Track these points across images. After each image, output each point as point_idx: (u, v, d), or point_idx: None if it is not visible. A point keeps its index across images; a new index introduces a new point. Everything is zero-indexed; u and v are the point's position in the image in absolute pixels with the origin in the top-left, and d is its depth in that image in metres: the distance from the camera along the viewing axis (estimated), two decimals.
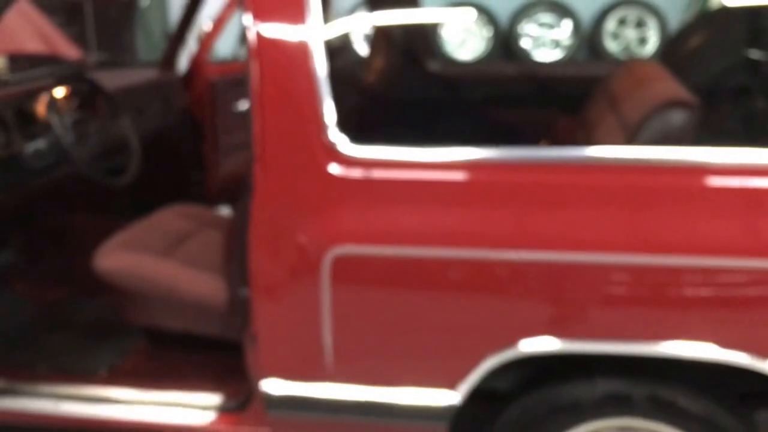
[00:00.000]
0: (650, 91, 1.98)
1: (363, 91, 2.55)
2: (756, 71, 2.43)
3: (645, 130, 1.80)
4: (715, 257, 1.55)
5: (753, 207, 1.57)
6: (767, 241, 1.54)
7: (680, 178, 1.59)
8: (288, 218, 1.68)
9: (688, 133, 1.78)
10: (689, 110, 1.80)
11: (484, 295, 1.62)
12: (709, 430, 1.67)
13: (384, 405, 1.74)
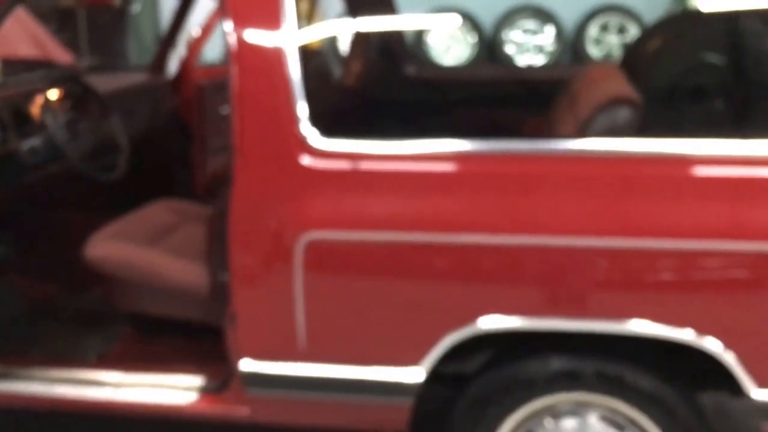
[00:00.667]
0: (600, 90, 2.13)
1: (341, 91, 2.69)
2: (712, 74, 2.56)
3: (592, 124, 1.94)
4: (660, 240, 1.67)
5: (699, 193, 1.69)
6: (709, 225, 1.67)
7: (623, 167, 1.73)
8: (264, 206, 1.80)
9: (631, 127, 1.92)
10: (632, 107, 1.94)
11: (444, 276, 1.75)
12: (654, 404, 1.79)
13: (354, 382, 1.86)
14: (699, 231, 1.67)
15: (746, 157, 1.70)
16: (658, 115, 2.32)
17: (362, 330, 1.82)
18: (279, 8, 1.80)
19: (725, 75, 2.31)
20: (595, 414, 1.85)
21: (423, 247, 1.74)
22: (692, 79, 2.35)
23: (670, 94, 2.37)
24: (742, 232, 1.65)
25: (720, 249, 1.66)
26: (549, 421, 1.87)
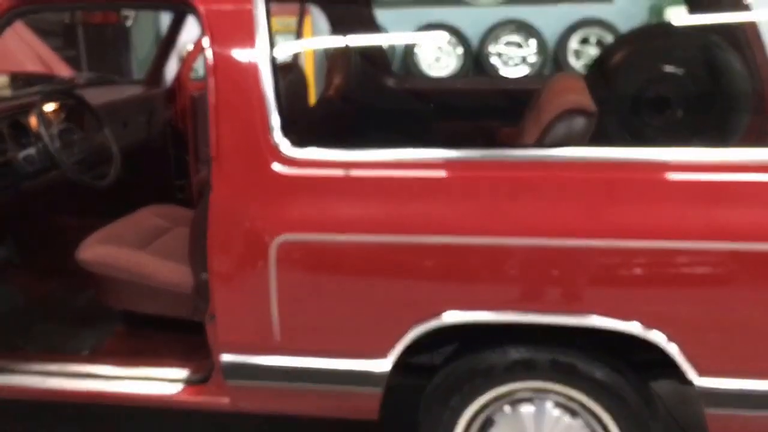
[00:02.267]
0: (559, 100, 2.20)
1: (321, 103, 2.77)
2: (672, 84, 2.63)
3: (550, 132, 2.01)
4: (607, 239, 1.74)
5: (645, 196, 1.76)
6: (651, 225, 1.74)
7: (574, 172, 1.80)
8: (239, 210, 1.88)
9: (586, 134, 1.99)
10: (587, 116, 2.01)
11: (406, 274, 1.82)
12: (605, 392, 1.85)
13: (325, 373, 1.93)
14: (642, 231, 1.73)
15: (692, 162, 1.78)
16: (622, 122, 2.39)
17: (332, 324, 1.89)
18: (253, 26, 1.88)
19: (686, 85, 2.38)
20: (551, 401, 1.91)
21: (385, 248, 1.81)
22: (654, 90, 2.42)
23: (633, 102, 2.44)
24: (681, 232, 1.71)
25: (661, 248, 1.72)
26: (508, 408, 1.94)
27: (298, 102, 2.18)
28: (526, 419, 1.92)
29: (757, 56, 1.94)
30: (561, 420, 1.91)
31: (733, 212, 1.70)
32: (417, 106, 3.04)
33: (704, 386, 1.77)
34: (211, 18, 1.91)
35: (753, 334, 1.72)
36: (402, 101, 3.10)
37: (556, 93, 2.37)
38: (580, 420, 1.91)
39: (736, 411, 1.78)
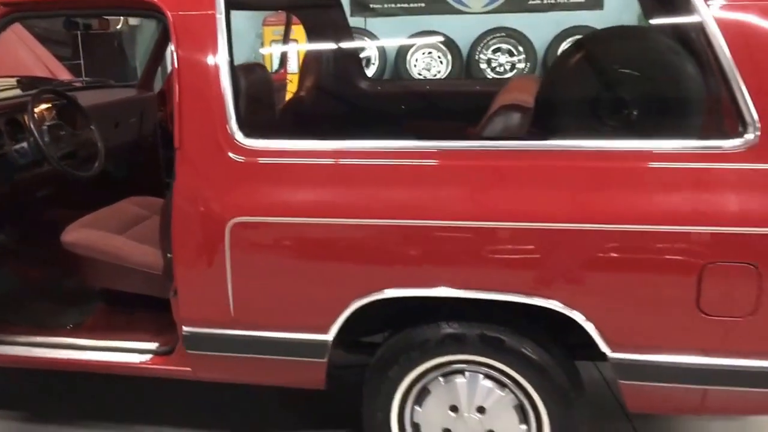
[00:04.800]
0: (503, 98, 2.32)
1: (292, 102, 2.91)
2: (627, 85, 2.72)
3: (488, 126, 2.13)
4: (525, 223, 1.84)
5: (569, 183, 1.86)
6: (564, 211, 1.83)
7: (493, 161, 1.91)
8: (198, 195, 2.02)
9: (522, 127, 2.11)
10: (521, 112, 2.13)
11: (344, 254, 1.95)
12: (529, 365, 1.96)
13: (274, 344, 2.06)
14: (557, 216, 1.83)
15: (604, 151, 1.88)
16: (577, 119, 2.48)
17: (281, 300, 2.03)
18: (215, 31, 2.03)
19: (640, 87, 2.47)
20: (481, 373, 2.03)
21: (329, 229, 1.94)
22: (607, 89, 2.51)
23: (588, 101, 2.54)
24: (590, 216, 1.81)
25: (574, 230, 1.82)
26: (441, 379, 2.05)
27: (261, 98, 2.32)
28: (459, 389, 2.04)
29: (708, 59, 2.02)
30: (491, 391, 2.03)
31: (636, 198, 1.80)
32: (388, 106, 3.17)
33: (616, 360, 1.87)
34: (177, 23, 2.05)
35: (658, 312, 1.82)
36: (374, 102, 3.23)
37: (505, 92, 2.50)
38: (509, 391, 2.02)
39: (645, 382, 1.88)
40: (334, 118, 2.73)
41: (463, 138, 2.16)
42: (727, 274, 1.74)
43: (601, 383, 2.66)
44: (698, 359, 1.81)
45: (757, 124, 1.75)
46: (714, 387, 1.85)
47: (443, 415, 2.07)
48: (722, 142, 1.78)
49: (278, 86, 3.59)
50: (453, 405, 2.05)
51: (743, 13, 1.80)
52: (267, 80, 2.46)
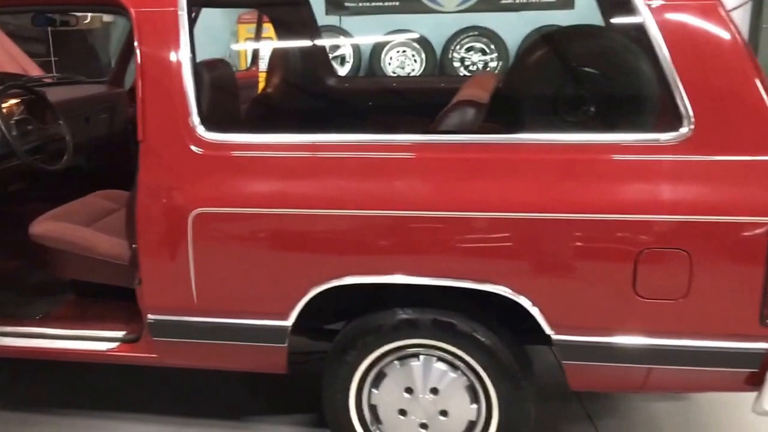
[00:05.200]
0: (460, 93, 2.40)
1: (259, 98, 2.97)
2: (586, 82, 2.80)
3: (443, 120, 2.21)
4: (474, 212, 1.92)
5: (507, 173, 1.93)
6: (512, 198, 1.91)
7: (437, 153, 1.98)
8: (162, 186, 2.09)
9: (476, 122, 2.19)
10: (475, 108, 2.21)
11: (303, 244, 2.02)
12: (480, 348, 2.04)
13: (236, 330, 2.13)
14: (503, 206, 1.91)
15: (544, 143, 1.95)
16: (537, 113, 2.56)
17: (241, 287, 2.09)
18: (177, 27, 2.09)
19: (594, 82, 2.55)
20: (434, 357, 2.11)
21: (286, 220, 2.01)
22: (566, 85, 2.60)
23: (547, 96, 2.62)
24: (536, 206, 1.89)
25: (520, 219, 1.90)
26: (397, 363, 2.13)
27: (223, 93, 2.38)
28: (414, 372, 2.12)
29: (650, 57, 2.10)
30: (444, 373, 2.11)
31: (577, 188, 1.88)
32: (351, 102, 3.24)
33: (559, 341, 1.97)
34: (140, 19, 2.11)
35: (598, 296, 1.91)
36: (338, 98, 3.30)
37: (463, 87, 2.58)
38: (460, 373, 2.10)
39: (586, 362, 1.98)
40: (297, 113, 2.80)
41: (419, 132, 2.23)
42: (661, 260, 1.83)
43: (555, 367, 2.76)
44: (633, 340, 1.91)
45: (691, 118, 1.84)
46: (650, 366, 1.94)
47: (399, 397, 2.15)
48: (659, 135, 1.87)
49: (249, 83, 3.66)
50: (408, 387, 2.13)
51: (680, 13, 1.88)
52: (229, 76, 2.52)
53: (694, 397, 2.70)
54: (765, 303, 1.80)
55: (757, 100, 1.82)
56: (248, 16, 6.35)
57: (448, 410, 2.13)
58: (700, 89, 1.83)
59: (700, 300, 1.84)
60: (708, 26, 1.85)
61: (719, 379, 1.97)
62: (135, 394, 2.80)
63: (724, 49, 1.84)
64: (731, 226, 1.79)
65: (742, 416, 2.55)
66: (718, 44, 1.84)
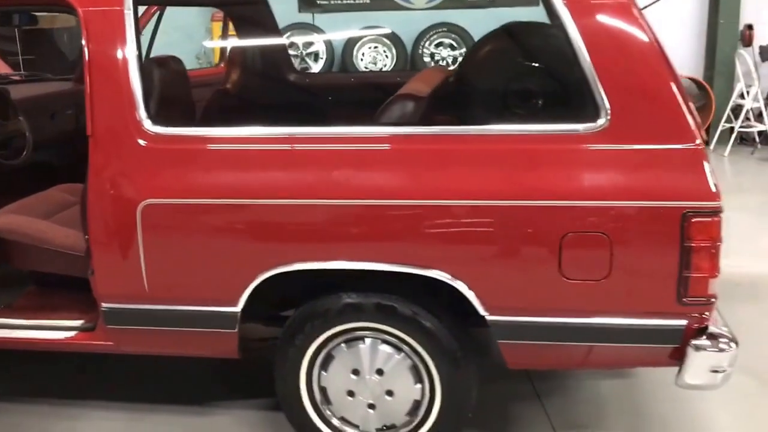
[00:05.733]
0: (403, 87, 2.47)
1: (215, 94, 3.03)
2: (535, 77, 2.87)
3: (384, 113, 2.27)
4: (415, 200, 1.97)
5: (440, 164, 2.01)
6: (443, 186, 1.97)
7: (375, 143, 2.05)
8: (111, 179, 2.14)
9: (415, 115, 2.25)
10: (414, 101, 2.28)
11: (248, 232, 2.08)
12: (421, 330, 2.11)
13: (187, 317, 2.18)
14: (437, 194, 1.97)
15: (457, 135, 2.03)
16: (485, 106, 2.63)
17: (190, 275, 2.15)
18: (123, 25, 2.14)
19: (539, 76, 2.63)
20: (379, 339, 2.17)
21: (231, 210, 2.07)
22: (512, 79, 2.67)
23: (496, 90, 2.69)
24: (468, 193, 1.95)
25: (454, 206, 1.97)
26: (344, 345, 2.19)
27: (172, 88, 2.43)
28: (360, 354, 2.19)
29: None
30: (388, 355, 2.17)
31: (506, 176, 1.96)
32: (311, 96, 3.30)
33: (493, 322, 2.04)
34: (87, 18, 2.16)
35: (527, 278, 1.98)
36: (299, 92, 3.36)
37: (409, 81, 2.65)
38: (404, 355, 2.17)
39: (518, 341, 2.05)
40: (254, 108, 2.86)
41: (361, 124, 2.28)
42: (582, 243, 1.91)
43: None
44: (561, 319, 1.98)
45: (608, 110, 1.92)
46: (578, 344, 2.02)
47: (346, 378, 2.21)
48: (579, 126, 1.95)
49: (218, 79, 3.70)
50: (355, 369, 2.20)
51: (595, 12, 1.95)
52: (179, 72, 2.57)
53: (639, 375, 2.80)
54: (680, 282, 1.89)
55: (668, 93, 1.91)
56: (221, 15, 6.38)
57: (394, 390, 2.20)
58: (615, 83, 1.91)
59: (621, 281, 1.92)
60: (621, 24, 1.93)
61: (647, 355, 2.05)
62: (102, 382, 2.85)
63: (637, 46, 1.92)
64: (646, 210, 1.88)
65: (680, 392, 2.65)
66: (631, 41, 1.93)
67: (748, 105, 6.65)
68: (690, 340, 1.95)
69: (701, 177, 1.89)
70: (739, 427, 2.52)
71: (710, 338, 1.96)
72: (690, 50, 7.15)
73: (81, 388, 2.82)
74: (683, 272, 1.89)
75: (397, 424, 2.23)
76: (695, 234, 1.87)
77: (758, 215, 5.03)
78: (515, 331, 2.04)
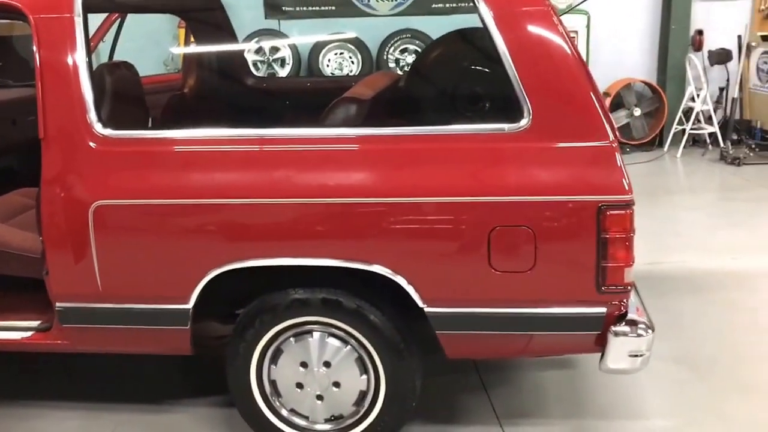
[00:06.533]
0: (348, 91, 2.55)
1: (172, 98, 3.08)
2: (475, 80, 2.97)
3: (329, 115, 2.35)
4: (346, 198, 2.04)
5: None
6: (396, 185, 2.05)
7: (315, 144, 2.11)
8: (63, 181, 2.18)
9: (359, 117, 2.33)
10: (357, 104, 2.36)
11: (197, 232, 2.13)
12: (364, 322, 2.19)
13: (141, 315, 2.24)
14: (375, 192, 2.05)
15: None
16: (431, 108, 2.71)
17: (142, 274, 2.20)
18: (73, 32, 2.19)
19: (477, 79, 2.71)
20: (326, 332, 2.25)
21: (178, 210, 2.13)
22: (459, 81, 2.76)
23: (440, 92, 2.78)
24: (403, 191, 2.03)
25: (391, 204, 2.04)
26: (292, 339, 2.26)
27: (124, 93, 2.48)
28: (308, 347, 2.26)
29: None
30: (334, 347, 2.25)
31: (437, 173, 2.04)
32: (266, 100, 3.36)
33: (430, 313, 2.12)
34: (38, 25, 2.21)
35: (461, 271, 2.06)
36: (257, 97, 3.42)
37: (355, 86, 2.73)
38: (350, 347, 2.25)
39: (453, 331, 2.14)
40: (209, 112, 2.91)
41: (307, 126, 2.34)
42: (509, 237, 2.00)
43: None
44: (494, 309, 2.07)
45: (530, 110, 2.02)
46: (511, 332, 2.11)
47: (295, 371, 2.29)
48: (504, 126, 2.05)
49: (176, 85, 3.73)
50: (303, 361, 2.27)
51: (517, 19, 2.05)
52: (131, 76, 2.62)
53: (578, 366, 2.91)
54: (599, 272, 1.99)
55: (584, 95, 2.01)
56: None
57: (341, 382, 2.27)
58: (536, 86, 2.01)
59: (546, 271, 2.01)
60: (542, 32, 2.03)
61: (575, 342, 2.15)
62: (60, 382, 2.89)
63: (555, 52, 2.02)
64: (565, 204, 1.98)
65: (616, 380, 2.77)
66: (550, 48, 2.03)
67: (698, 108, 6.85)
68: (610, 326, 2.06)
69: (615, 172, 2.00)
70: (672, 411, 2.64)
71: (629, 324, 2.07)
72: (643, 55, 7.32)
73: (40, 388, 2.85)
74: (601, 262, 1.99)
75: (345, 414, 2.31)
76: (610, 226, 1.97)
77: (708, 214, 5.21)
78: (451, 322, 2.12)
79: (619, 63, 7.13)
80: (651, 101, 7.15)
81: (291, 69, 6.95)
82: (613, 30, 7.14)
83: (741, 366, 2.92)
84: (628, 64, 7.22)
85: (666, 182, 6.29)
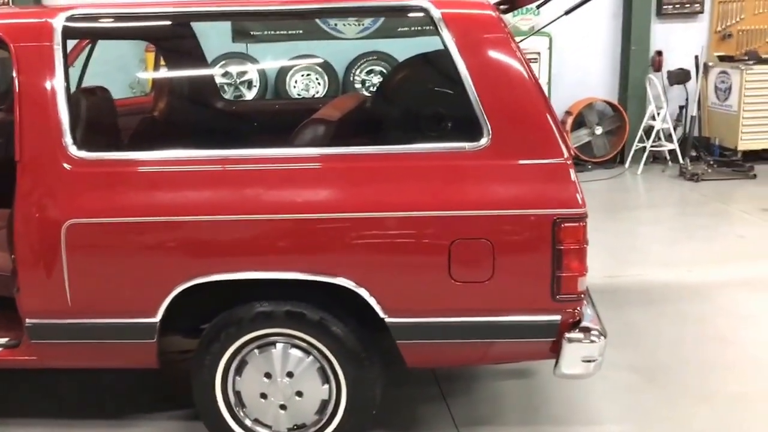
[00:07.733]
0: (317, 113, 2.69)
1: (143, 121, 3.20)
2: (439, 101, 3.13)
3: (298, 136, 2.49)
4: (317, 213, 2.17)
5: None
6: (360, 200, 2.18)
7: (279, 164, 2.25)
8: (38, 200, 2.29)
9: (326, 137, 2.48)
10: (325, 125, 2.51)
11: (165, 249, 2.26)
12: (326, 334, 2.31)
13: (110, 329, 2.34)
14: (341, 207, 2.19)
15: None
16: (396, 128, 2.86)
17: (111, 289, 2.31)
18: (52, 60, 2.31)
19: (446, 100, 2.87)
20: (289, 344, 2.36)
21: (147, 227, 2.24)
22: (423, 102, 2.93)
23: (404, 113, 2.93)
24: (367, 206, 2.18)
25: (354, 219, 2.18)
26: (257, 351, 2.38)
27: (98, 116, 2.60)
28: (271, 359, 2.37)
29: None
30: (297, 358, 2.37)
31: (400, 189, 2.18)
32: (235, 122, 3.50)
33: (391, 323, 2.26)
34: (18, 52, 2.33)
35: (422, 282, 2.20)
36: (227, 119, 3.55)
37: (323, 108, 2.88)
38: (312, 358, 2.37)
39: (413, 341, 2.28)
40: (179, 134, 3.03)
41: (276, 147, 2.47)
42: (468, 249, 2.16)
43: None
44: (453, 319, 2.22)
45: (489, 130, 2.19)
46: (469, 341, 2.26)
47: (259, 381, 2.40)
48: (465, 144, 2.22)
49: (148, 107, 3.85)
50: (267, 372, 2.38)
51: (477, 44, 2.22)
52: (105, 100, 2.74)
53: (535, 375, 3.06)
54: (554, 281, 2.16)
55: (540, 115, 2.20)
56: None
57: (303, 391, 2.39)
58: (495, 107, 2.19)
59: (503, 281, 2.17)
60: (500, 56, 2.21)
61: (532, 349, 2.31)
62: (20, 399, 2.95)
63: (513, 75, 2.21)
64: (522, 217, 2.15)
65: (571, 389, 2.92)
66: (508, 70, 2.21)
67: (658, 126, 7.15)
68: (564, 333, 2.22)
69: (569, 188, 2.17)
70: (625, 417, 2.79)
71: (582, 331, 2.23)
72: (605, 75, 7.63)
73: (2, 405, 2.90)
74: (556, 272, 2.16)
75: (307, 423, 2.42)
76: (565, 237, 2.14)
77: (666, 228, 5.45)
78: (411, 332, 2.26)
79: (581, 83, 7.44)
80: (612, 120, 7.44)
81: (258, 91, 7.10)
82: (575, 51, 7.44)
83: (692, 374, 3.09)
84: (590, 84, 7.52)
85: (626, 198, 6.56)
